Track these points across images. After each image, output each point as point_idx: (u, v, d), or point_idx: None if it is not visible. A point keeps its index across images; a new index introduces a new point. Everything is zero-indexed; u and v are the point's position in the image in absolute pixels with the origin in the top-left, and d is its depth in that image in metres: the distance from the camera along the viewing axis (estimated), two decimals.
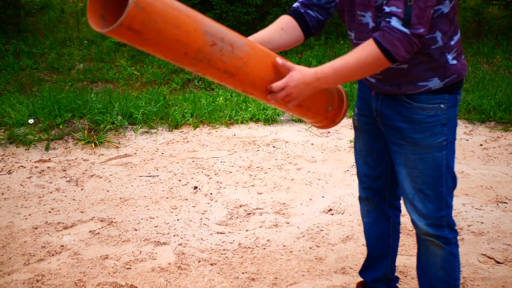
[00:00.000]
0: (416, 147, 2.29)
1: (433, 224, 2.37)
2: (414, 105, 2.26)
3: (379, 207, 2.69)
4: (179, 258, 3.36)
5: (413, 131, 2.28)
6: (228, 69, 2.04)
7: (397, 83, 2.26)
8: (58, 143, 5.03)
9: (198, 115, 5.56)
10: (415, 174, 2.32)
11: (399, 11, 2.01)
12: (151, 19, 1.82)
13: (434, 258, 2.45)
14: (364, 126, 2.53)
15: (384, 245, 2.75)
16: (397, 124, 2.31)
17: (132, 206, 4.01)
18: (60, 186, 4.31)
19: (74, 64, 7.41)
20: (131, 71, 7.17)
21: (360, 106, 2.53)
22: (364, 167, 2.63)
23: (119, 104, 5.57)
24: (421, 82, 2.23)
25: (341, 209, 3.94)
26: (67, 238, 3.58)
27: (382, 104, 2.35)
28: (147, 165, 4.68)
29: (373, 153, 2.57)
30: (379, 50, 2.05)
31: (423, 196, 2.34)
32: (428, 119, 2.26)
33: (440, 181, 2.32)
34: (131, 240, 3.57)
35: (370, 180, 2.64)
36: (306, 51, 7.85)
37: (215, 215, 3.87)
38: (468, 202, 4.01)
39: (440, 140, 2.29)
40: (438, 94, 2.25)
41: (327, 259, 3.35)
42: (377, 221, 2.72)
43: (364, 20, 2.22)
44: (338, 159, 4.76)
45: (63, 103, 5.53)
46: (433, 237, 2.40)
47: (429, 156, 2.29)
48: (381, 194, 2.67)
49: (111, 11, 1.96)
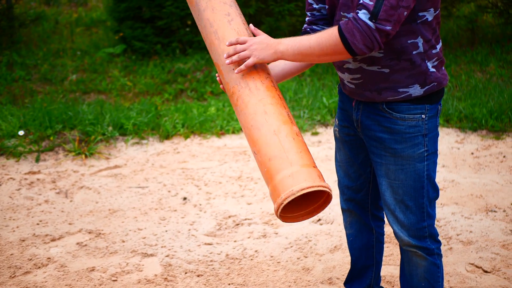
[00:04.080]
0: (397, 157, 2.28)
1: (415, 235, 2.36)
2: (395, 115, 2.24)
3: (362, 219, 2.67)
4: (165, 270, 3.34)
5: (394, 142, 2.27)
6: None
7: (377, 88, 2.24)
8: (49, 155, 5.02)
9: (189, 126, 5.55)
10: (396, 185, 2.31)
11: (370, 3, 2.00)
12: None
13: (417, 269, 2.44)
14: (345, 138, 2.52)
15: (368, 256, 2.74)
16: (378, 135, 2.30)
17: (120, 218, 4.00)
18: (49, 198, 4.30)
19: (67, 75, 7.41)
20: (124, 81, 7.17)
21: (340, 117, 2.52)
22: (346, 178, 2.61)
23: (110, 115, 5.57)
24: (401, 88, 2.22)
25: (330, 219, 3.93)
26: (54, 250, 3.57)
27: (363, 115, 2.34)
28: (137, 176, 4.67)
29: (355, 164, 2.55)
30: (338, 36, 2.05)
31: (404, 207, 2.33)
32: (409, 129, 2.25)
33: (422, 192, 2.31)
34: (119, 251, 3.55)
35: (351, 192, 2.63)
36: None
37: (203, 226, 3.86)
38: (458, 211, 4.00)
39: (421, 151, 2.27)
40: (419, 104, 2.24)
41: (314, 270, 3.33)
42: (360, 232, 2.70)
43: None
44: (328, 168, 4.75)
45: (54, 115, 5.53)
46: (415, 248, 2.38)
47: (410, 167, 2.28)
48: (363, 206, 2.65)
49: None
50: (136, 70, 7.58)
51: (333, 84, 6.89)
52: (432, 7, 2.15)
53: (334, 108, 5.93)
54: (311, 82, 6.92)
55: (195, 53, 7.99)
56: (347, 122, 2.47)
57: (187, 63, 7.65)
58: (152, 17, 8.13)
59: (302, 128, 5.54)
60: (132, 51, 8.22)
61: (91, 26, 10.35)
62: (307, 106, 6.03)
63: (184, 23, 8.17)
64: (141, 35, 8.03)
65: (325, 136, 5.43)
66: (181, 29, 8.13)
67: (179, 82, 7.20)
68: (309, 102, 6.13)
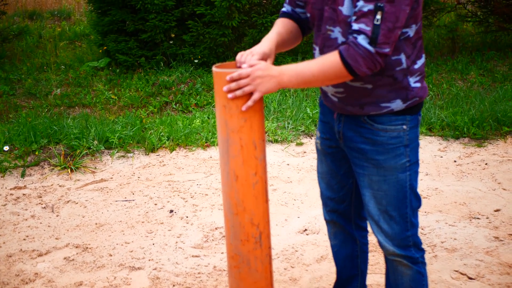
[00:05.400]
0: (380, 168, 2.30)
1: (399, 244, 2.38)
2: (376, 126, 2.27)
3: (346, 229, 2.69)
4: (153, 283, 3.36)
5: (376, 153, 2.29)
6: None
7: (360, 103, 2.26)
8: (34, 170, 5.02)
9: (174, 138, 5.57)
10: (380, 196, 2.33)
11: (368, 29, 2.03)
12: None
13: (402, 277, 2.47)
14: (327, 150, 2.54)
15: (352, 266, 2.76)
16: (360, 146, 2.32)
17: (107, 231, 4.00)
18: (35, 213, 4.30)
19: (51, 90, 7.41)
20: (109, 95, 7.18)
21: (322, 130, 2.54)
22: (328, 190, 2.63)
23: (95, 129, 5.58)
24: (384, 103, 2.24)
25: (316, 229, 3.96)
26: (42, 266, 3.57)
27: (344, 126, 2.36)
28: (123, 189, 4.68)
29: (337, 176, 2.57)
30: (341, 63, 2.08)
31: (388, 217, 2.35)
32: (391, 140, 2.27)
33: (405, 202, 2.34)
34: (106, 266, 3.56)
35: (334, 203, 2.64)
36: None
37: (190, 239, 3.88)
38: (442, 218, 4.05)
39: (403, 161, 2.30)
40: (400, 115, 2.27)
41: (301, 280, 3.36)
42: (344, 243, 2.73)
43: (333, 35, 2.21)
44: (313, 179, 4.79)
45: (38, 129, 5.53)
46: (400, 257, 2.41)
47: (393, 177, 2.30)
48: (347, 216, 2.67)
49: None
50: (120, 83, 7.59)
51: (316, 94, 6.95)
52: (414, 23, 2.18)
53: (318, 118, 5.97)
54: (295, 93, 6.97)
55: (179, 65, 8.02)
56: (329, 134, 2.49)
57: (171, 76, 7.67)
58: (136, 31, 8.15)
59: (287, 138, 5.58)
60: (116, 64, 8.23)
61: (75, 40, 10.35)
62: (291, 117, 6.07)
63: (168, 36, 8.20)
64: (125, 48, 8.04)
65: (309, 146, 5.48)
66: (165, 42, 8.16)
67: (163, 94, 7.22)
68: (293, 113, 6.17)
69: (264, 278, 2.25)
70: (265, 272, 2.25)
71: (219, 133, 2.16)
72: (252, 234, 2.19)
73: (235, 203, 2.17)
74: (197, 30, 8.03)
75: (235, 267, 2.24)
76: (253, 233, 2.19)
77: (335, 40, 2.21)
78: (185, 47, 8.18)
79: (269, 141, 5.61)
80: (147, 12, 7.98)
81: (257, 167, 2.15)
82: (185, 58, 8.12)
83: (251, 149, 2.12)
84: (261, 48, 2.19)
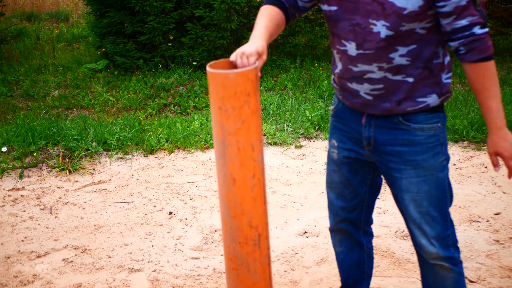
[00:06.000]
0: (419, 169, 2.23)
1: (441, 245, 2.32)
2: (413, 126, 2.20)
3: (353, 236, 2.64)
4: (153, 285, 3.34)
5: (414, 154, 2.22)
6: None
7: (398, 99, 2.19)
8: (32, 171, 5.00)
9: (173, 140, 5.56)
10: (420, 198, 2.26)
11: (476, 18, 2.03)
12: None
13: (444, 281, 2.40)
14: (344, 160, 2.44)
15: (359, 272, 2.72)
16: (396, 149, 2.25)
17: (106, 233, 3.98)
18: (33, 214, 4.28)
19: (49, 91, 7.39)
20: (107, 97, 7.16)
21: (341, 139, 2.43)
22: (339, 200, 2.54)
23: (93, 131, 5.56)
24: (420, 97, 2.18)
25: (316, 231, 3.95)
26: (40, 267, 3.55)
27: (376, 131, 2.28)
28: (122, 191, 4.66)
29: (351, 186, 2.49)
30: (491, 60, 2.08)
31: (430, 219, 2.28)
32: (429, 139, 2.21)
33: (445, 201, 2.29)
34: (105, 267, 3.54)
35: (346, 212, 2.56)
36: (282, 74, 7.90)
37: (190, 240, 3.86)
38: None
39: (441, 160, 2.25)
40: (435, 113, 2.22)
41: (302, 282, 3.35)
42: (350, 250, 2.68)
43: (375, 29, 2.11)
44: (313, 181, 4.77)
45: (37, 131, 5.51)
46: (442, 259, 2.34)
47: (433, 177, 2.24)
48: (356, 224, 2.61)
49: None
50: (118, 85, 7.57)
51: (315, 97, 6.94)
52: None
53: (317, 121, 5.97)
54: (294, 96, 6.96)
55: (178, 67, 8.00)
56: (350, 144, 2.39)
57: (170, 78, 7.66)
58: (134, 33, 8.14)
59: (286, 141, 5.57)
60: (114, 66, 8.22)
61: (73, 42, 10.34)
62: (290, 120, 6.06)
63: (167, 38, 8.19)
64: (123, 50, 8.03)
65: (308, 149, 5.46)
66: (163, 44, 8.15)
67: (162, 97, 7.20)
68: (292, 116, 6.16)
69: (263, 280, 2.22)
70: (264, 273, 2.21)
71: (214, 135, 2.07)
72: (250, 237, 2.14)
73: (232, 206, 2.11)
74: (195, 32, 8.02)
75: (234, 270, 2.20)
76: (251, 236, 2.14)
77: (377, 34, 2.11)
78: (183, 49, 8.17)
79: (268, 144, 5.60)
80: (146, 14, 7.97)
81: (255, 169, 2.07)
82: (184, 60, 8.11)
83: (249, 152, 2.04)
84: (253, 47, 2.08)
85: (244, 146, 2.03)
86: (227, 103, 1.97)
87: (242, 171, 2.06)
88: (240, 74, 1.94)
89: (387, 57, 2.13)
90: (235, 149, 2.03)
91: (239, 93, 1.95)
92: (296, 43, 8.91)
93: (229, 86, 1.93)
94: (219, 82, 1.95)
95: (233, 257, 2.18)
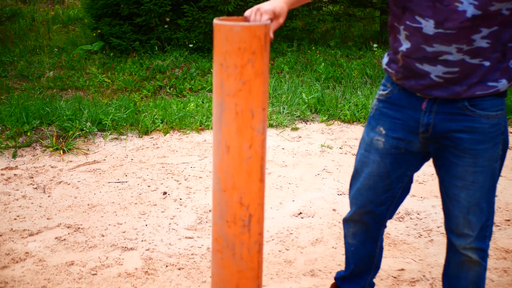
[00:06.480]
0: (478, 159, 2.12)
1: (479, 235, 2.24)
2: (478, 113, 2.09)
3: (370, 231, 2.51)
4: (146, 263, 3.31)
5: (475, 142, 2.11)
6: None
7: (469, 83, 2.06)
8: (26, 151, 4.96)
9: (168, 121, 5.51)
10: (474, 188, 2.16)
11: None
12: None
13: (468, 272, 2.34)
14: (391, 150, 2.28)
15: (368, 264, 2.62)
16: (456, 136, 2.13)
17: (100, 212, 3.95)
18: (26, 193, 4.24)
19: (44, 72, 7.33)
20: (102, 78, 7.11)
21: (390, 127, 2.27)
22: (370, 192, 2.38)
23: (88, 111, 5.51)
24: (492, 82, 2.06)
25: (311, 212, 3.92)
26: (32, 245, 3.51)
27: (437, 116, 2.15)
28: (116, 171, 4.62)
29: (388, 178, 2.34)
30: None
31: (478, 209, 2.19)
32: (491, 128, 2.10)
33: (493, 191, 2.20)
34: (98, 246, 3.51)
35: (373, 205, 2.41)
36: (278, 58, 7.85)
37: (184, 220, 3.83)
38: (438, 204, 4.01)
39: (499, 150, 2.15)
40: (500, 98, 2.11)
41: (296, 262, 3.32)
42: (363, 244, 2.56)
43: (461, 8, 1.95)
44: (309, 163, 4.74)
45: (31, 110, 5.46)
46: (474, 250, 2.27)
47: (490, 168, 2.14)
48: (380, 219, 2.47)
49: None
50: (114, 67, 7.51)
51: (311, 81, 6.90)
52: None
53: (314, 104, 5.93)
54: (290, 79, 6.92)
55: (174, 50, 7.95)
56: (401, 132, 2.24)
57: (166, 60, 7.60)
58: (130, 14, 8.08)
59: (282, 123, 5.53)
60: (110, 48, 8.16)
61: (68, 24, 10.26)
62: (287, 102, 6.02)
63: (163, 20, 8.12)
64: (119, 32, 7.97)
65: (304, 131, 5.43)
66: (159, 26, 8.08)
67: (157, 79, 7.15)
68: (288, 98, 6.12)
69: (250, 269, 1.99)
70: (251, 261, 1.98)
71: (214, 96, 1.87)
72: (240, 216, 1.91)
73: (224, 177, 1.89)
74: (192, 14, 7.95)
75: (218, 252, 1.98)
76: (241, 215, 1.91)
77: (463, 13, 1.95)
78: (180, 31, 8.10)
79: None
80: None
81: (253, 139, 1.86)
82: (180, 42, 8.05)
83: (247, 118, 1.83)
84: (271, 6, 1.93)
85: (243, 110, 1.83)
86: (229, 59, 1.79)
87: (237, 139, 1.86)
88: (247, 28, 1.74)
89: (469, 38, 1.98)
90: (232, 112, 1.83)
91: (243, 49, 1.76)
92: (293, 26, 8.86)
93: (233, 40, 1.74)
94: (223, 34, 1.77)
95: (219, 238, 1.97)
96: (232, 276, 1.99)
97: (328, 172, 4.58)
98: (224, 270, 2.00)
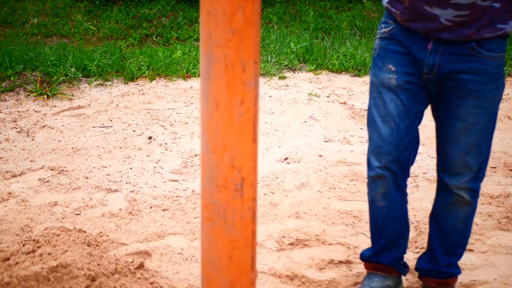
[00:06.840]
0: (481, 100, 2.12)
1: (474, 176, 2.25)
2: (484, 54, 2.08)
3: (397, 184, 2.34)
4: (130, 204, 3.29)
5: (480, 84, 2.11)
6: None
7: (479, 26, 2.03)
8: (9, 95, 4.88)
9: (154, 68, 5.44)
10: (475, 129, 2.17)
11: None
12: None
13: (457, 212, 2.34)
14: (405, 85, 2.21)
15: (402, 225, 2.46)
16: (461, 77, 2.12)
17: (84, 156, 3.91)
18: (9, 136, 4.18)
19: (28, 19, 7.19)
20: (87, 26, 6.99)
21: (400, 63, 2.21)
22: (393, 135, 2.26)
23: (73, 57, 5.42)
24: (500, 24, 2.05)
25: (297, 158, 3.90)
26: (15, 186, 3.48)
27: (442, 58, 2.12)
28: (101, 116, 4.57)
29: (409, 116, 2.25)
30: None
31: (477, 151, 2.20)
32: (496, 69, 2.11)
33: (492, 133, 2.21)
34: (82, 187, 3.48)
35: (398, 151, 2.28)
36: (267, 8, 7.74)
37: (169, 164, 3.80)
38: (424, 151, 4.01)
39: (500, 91, 2.16)
40: (505, 40, 2.10)
41: (281, 205, 3.31)
42: (394, 202, 2.37)
43: None
44: (296, 111, 4.71)
45: (14, 55, 5.36)
46: (467, 190, 2.27)
47: (491, 110, 2.15)
48: (405, 166, 2.33)
49: None
50: (100, 15, 7.38)
51: (300, 31, 6.81)
52: None
53: (302, 53, 5.87)
54: (279, 29, 6.83)
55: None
56: (411, 67, 2.20)
57: (153, 9, 7.48)
58: None
59: (269, 72, 5.47)
60: None
61: None
62: (275, 51, 5.95)
63: None
64: None
65: (292, 80, 5.38)
66: None
67: (144, 27, 7.04)
68: (276, 48, 6.05)
69: (244, 237, 1.81)
70: (245, 229, 1.80)
71: (201, 48, 1.75)
72: (231, 180, 1.74)
73: (213, 137, 1.73)
74: None
75: (208, 220, 1.79)
76: (233, 179, 1.74)
77: None
78: None
79: None
80: None
81: (245, 94, 1.68)
82: None
83: (238, 71, 1.66)
84: None
85: (233, 62, 1.67)
86: (217, 6, 1.62)
87: (227, 94, 1.70)
88: None
89: None
90: (221, 65, 1.68)
91: None
92: None
93: None
94: None
95: (209, 204, 1.81)
96: (224, 246, 1.80)
97: (315, 119, 4.55)
98: (215, 240, 1.83)
